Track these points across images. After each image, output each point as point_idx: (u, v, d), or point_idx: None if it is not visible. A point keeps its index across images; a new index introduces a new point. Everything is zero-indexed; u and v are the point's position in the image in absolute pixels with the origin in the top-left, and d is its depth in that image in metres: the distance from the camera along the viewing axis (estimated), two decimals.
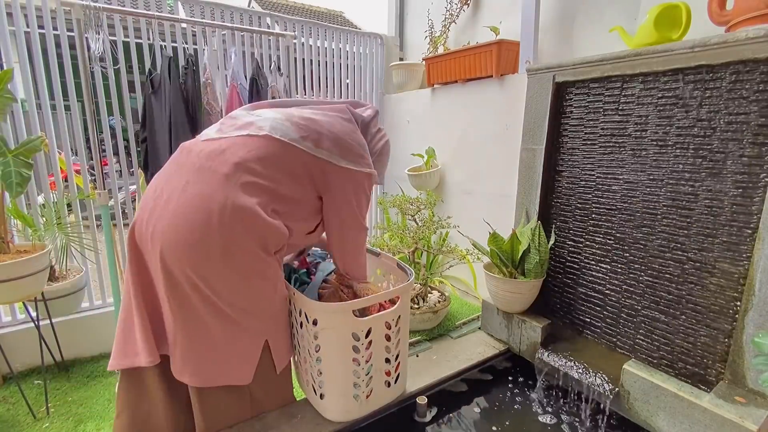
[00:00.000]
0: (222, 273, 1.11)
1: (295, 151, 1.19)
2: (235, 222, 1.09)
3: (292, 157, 1.20)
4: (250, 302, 1.18)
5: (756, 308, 1.21)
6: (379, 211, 3.18)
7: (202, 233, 1.07)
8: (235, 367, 1.22)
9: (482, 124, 2.33)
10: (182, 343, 1.16)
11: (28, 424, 1.62)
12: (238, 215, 1.09)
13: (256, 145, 1.17)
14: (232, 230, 1.09)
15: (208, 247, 1.08)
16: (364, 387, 1.35)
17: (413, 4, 3.18)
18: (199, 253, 1.08)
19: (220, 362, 1.19)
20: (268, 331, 1.25)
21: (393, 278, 1.61)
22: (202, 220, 1.07)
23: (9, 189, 1.53)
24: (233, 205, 1.08)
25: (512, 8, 2.27)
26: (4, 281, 1.52)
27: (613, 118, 1.55)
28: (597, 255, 1.65)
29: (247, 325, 1.19)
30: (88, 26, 1.84)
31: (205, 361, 1.18)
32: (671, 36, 1.41)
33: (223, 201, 1.08)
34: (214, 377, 1.20)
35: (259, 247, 1.15)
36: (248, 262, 1.14)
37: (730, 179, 1.26)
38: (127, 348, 1.23)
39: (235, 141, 1.17)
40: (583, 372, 1.50)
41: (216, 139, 1.19)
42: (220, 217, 1.07)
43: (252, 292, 1.18)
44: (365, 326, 1.28)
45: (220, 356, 1.18)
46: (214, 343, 1.17)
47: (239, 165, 1.12)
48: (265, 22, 2.55)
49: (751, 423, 1.10)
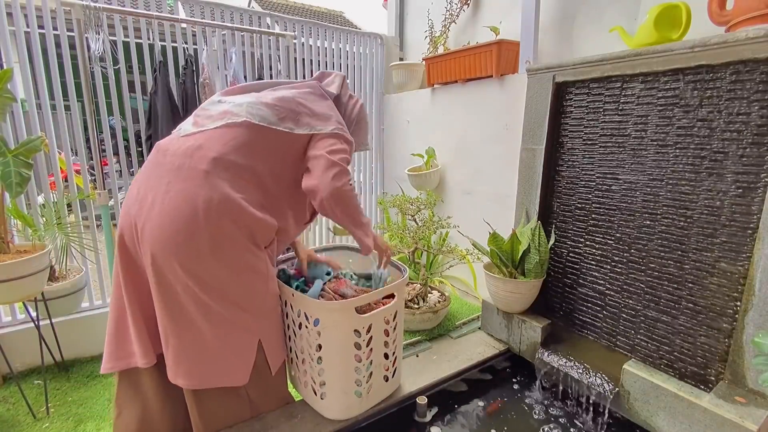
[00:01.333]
0: (212, 268, 1.11)
1: (276, 134, 1.18)
2: (221, 215, 1.09)
3: (274, 141, 1.19)
4: (241, 297, 1.17)
5: (756, 308, 1.21)
6: (379, 211, 3.18)
7: (189, 230, 1.07)
8: (229, 368, 1.21)
9: (482, 124, 2.33)
10: (174, 344, 1.15)
11: (28, 424, 1.62)
12: (223, 209, 1.09)
13: (234, 135, 1.15)
14: (219, 224, 1.09)
15: (197, 243, 1.08)
16: (365, 383, 1.35)
17: (413, 4, 3.18)
18: (189, 251, 1.08)
19: (213, 363, 1.18)
20: (261, 331, 1.25)
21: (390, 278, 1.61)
22: (188, 218, 1.07)
23: (9, 189, 1.53)
24: (218, 199, 1.08)
25: (512, 8, 2.27)
26: (4, 281, 1.52)
27: (613, 118, 1.55)
28: (597, 255, 1.65)
29: (240, 323, 1.19)
30: (88, 26, 1.84)
31: (198, 363, 1.17)
32: (671, 36, 1.41)
33: (206, 197, 1.08)
34: (207, 379, 1.19)
35: (248, 240, 1.14)
36: (238, 255, 1.14)
37: (730, 179, 1.26)
38: (119, 349, 1.22)
39: (211, 135, 1.15)
40: (583, 372, 1.50)
41: (192, 134, 1.17)
42: (206, 212, 1.07)
43: (243, 286, 1.17)
44: (366, 323, 1.29)
45: (213, 357, 1.18)
46: (206, 343, 1.16)
47: (218, 160, 1.11)
48: (265, 22, 2.55)
49: (751, 423, 1.10)
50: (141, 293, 1.19)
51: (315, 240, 3.01)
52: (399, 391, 1.51)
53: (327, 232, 3.03)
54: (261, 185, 1.18)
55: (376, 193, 3.26)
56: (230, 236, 1.11)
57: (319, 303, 1.24)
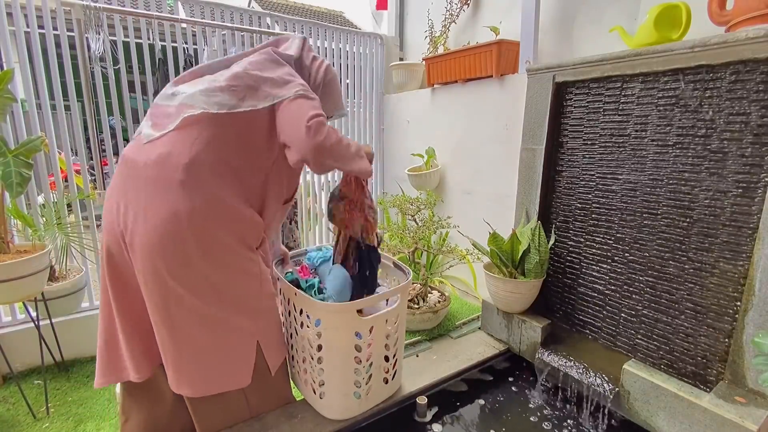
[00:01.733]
0: (204, 273, 1.09)
1: (240, 117, 1.12)
2: (206, 222, 1.07)
3: (241, 125, 1.13)
4: (236, 299, 1.16)
5: (756, 308, 1.20)
6: (379, 211, 3.18)
7: (177, 241, 1.05)
8: (230, 372, 1.20)
9: (482, 124, 2.33)
10: (173, 356, 1.14)
11: (28, 424, 1.62)
12: (207, 215, 1.07)
13: (198, 132, 1.09)
14: (204, 228, 1.07)
15: (185, 251, 1.06)
16: (364, 385, 1.35)
17: (413, 4, 3.18)
18: (178, 260, 1.06)
19: (214, 369, 1.17)
20: (258, 332, 1.24)
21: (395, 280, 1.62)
22: (174, 229, 1.05)
23: (9, 189, 1.53)
24: (200, 207, 1.06)
25: (512, 8, 2.27)
26: (4, 281, 1.52)
27: (613, 118, 1.55)
28: (597, 255, 1.65)
29: (237, 326, 1.18)
30: (88, 26, 1.84)
31: (199, 370, 1.16)
32: (671, 36, 1.41)
33: (188, 208, 1.05)
34: (210, 385, 1.18)
35: (236, 241, 1.13)
36: (228, 257, 1.12)
37: (730, 179, 1.26)
38: (111, 364, 1.21)
39: (175, 137, 1.10)
40: (583, 372, 1.50)
41: (157, 139, 1.11)
42: (189, 221, 1.05)
43: (237, 288, 1.16)
44: (367, 325, 1.28)
45: (214, 363, 1.17)
46: (205, 350, 1.15)
47: (190, 165, 1.07)
48: (265, 22, 2.55)
49: (751, 423, 1.10)
50: (133, 308, 1.17)
51: (315, 240, 3.01)
52: (399, 391, 1.51)
53: (327, 232, 3.03)
54: (238, 176, 1.13)
55: (376, 193, 3.26)
56: (218, 239, 1.10)
57: (321, 304, 1.24)
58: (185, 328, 1.12)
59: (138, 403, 1.28)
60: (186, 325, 1.12)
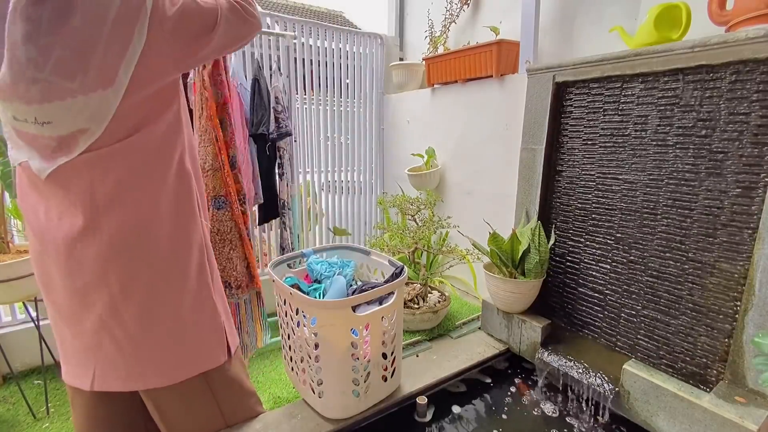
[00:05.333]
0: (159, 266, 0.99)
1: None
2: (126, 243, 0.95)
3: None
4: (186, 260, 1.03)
5: (756, 308, 1.21)
6: (379, 211, 3.18)
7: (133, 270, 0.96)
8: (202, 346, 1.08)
9: (482, 124, 2.33)
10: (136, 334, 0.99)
11: (28, 424, 1.62)
12: (135, 273, 0.97)
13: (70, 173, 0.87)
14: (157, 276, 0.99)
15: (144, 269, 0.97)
16: (363, 383, 1.35)
17: (413, 4, 3.18)
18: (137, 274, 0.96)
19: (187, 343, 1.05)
20: (217, 300, 1.12)
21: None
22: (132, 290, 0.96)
23: (9, 189, 1.53)
24: (126, 274, 0.95)
25: (512, 8, 2.27)
26: (4, 281, 1.52)
27: (613, 118, 1.55)
28: (597, 255, 1.65)
29: (189, 292, 1.05)
30: None
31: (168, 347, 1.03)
32: (671, 36, 1.41)
33: (120, 277, 0.95)
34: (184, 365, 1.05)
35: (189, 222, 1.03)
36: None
37: (730, 179, 1.26)
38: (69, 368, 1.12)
39: (48, 193, 0.91)
40: (583, 372, 1.50)
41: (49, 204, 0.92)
42: (124, 291, 0.96)
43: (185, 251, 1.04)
44: (363, 322, 1.28)
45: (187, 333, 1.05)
46: (175, 314, 1.02)
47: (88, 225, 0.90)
48: (265, 22, 2.55)
49: (751, 423, 1.10)
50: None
51: (315, 240, 3.01)
52: (399, 391, 1.51)
53: (327, 232, 3.03)
54: (151, 195, 0.96)
55: (376, 193, 3.26)
56: (178, 270, 1.01)
57: (316, 301, 1.25)
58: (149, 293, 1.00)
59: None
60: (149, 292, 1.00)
